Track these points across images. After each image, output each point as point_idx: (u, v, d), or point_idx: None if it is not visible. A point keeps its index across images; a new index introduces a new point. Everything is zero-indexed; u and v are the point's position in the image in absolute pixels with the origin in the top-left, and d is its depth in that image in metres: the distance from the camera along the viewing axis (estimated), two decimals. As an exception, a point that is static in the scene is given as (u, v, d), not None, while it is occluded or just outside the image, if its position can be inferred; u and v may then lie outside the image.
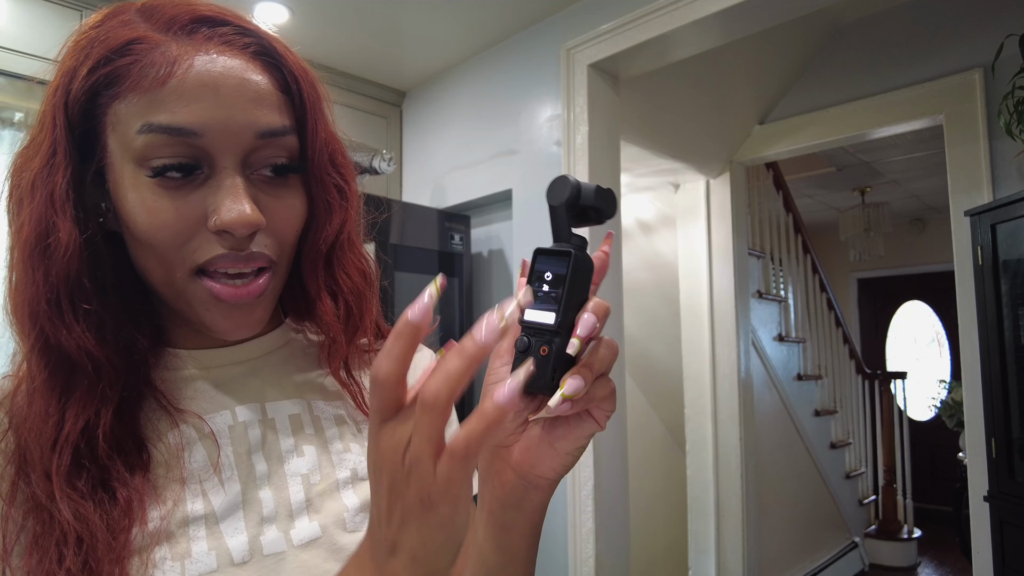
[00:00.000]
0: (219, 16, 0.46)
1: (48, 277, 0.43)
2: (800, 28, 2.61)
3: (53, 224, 0.43)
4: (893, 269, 5.51)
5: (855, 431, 4.12)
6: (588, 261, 0.40)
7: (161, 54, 0.43)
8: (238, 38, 0.45)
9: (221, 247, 0.44)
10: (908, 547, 4.06)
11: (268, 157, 0.46)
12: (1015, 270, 1.86)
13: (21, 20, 1.78)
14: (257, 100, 0.45)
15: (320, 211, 0.51)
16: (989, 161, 2.09)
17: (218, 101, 0.43)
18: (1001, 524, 1.86)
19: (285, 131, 0.47)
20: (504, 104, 2.25)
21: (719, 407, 2.78)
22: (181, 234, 0.44)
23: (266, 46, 0.47)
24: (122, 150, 0.44)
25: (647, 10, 1.80)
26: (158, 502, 0.45)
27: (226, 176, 0.44)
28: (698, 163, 2.76)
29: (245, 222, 0.43)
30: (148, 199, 0.43)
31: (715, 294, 2.83)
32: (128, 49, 0.43)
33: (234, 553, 0.45)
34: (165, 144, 0.42)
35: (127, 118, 0.43)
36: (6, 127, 1.88)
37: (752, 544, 2.77)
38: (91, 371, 0.44)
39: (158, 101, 0.42)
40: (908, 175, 4.23)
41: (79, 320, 0.44)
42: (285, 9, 2.07)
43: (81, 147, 0.45)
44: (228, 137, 0.44)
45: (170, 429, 0.48)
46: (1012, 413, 1.85)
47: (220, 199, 0.44)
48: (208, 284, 0.45)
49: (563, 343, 0.38)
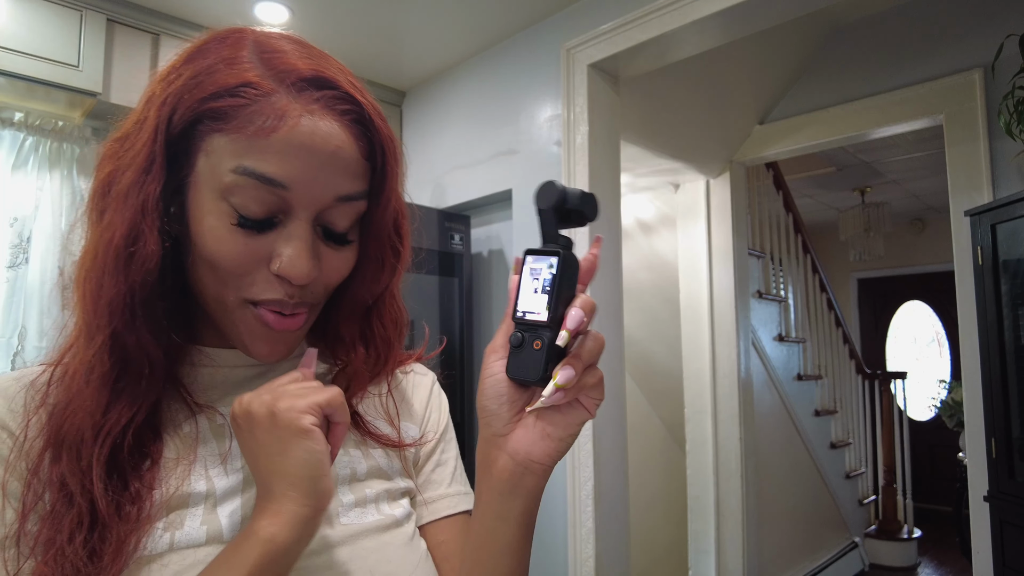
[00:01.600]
0: (325, 78, 0.48)
1: (128, 280, 0.47)
2: (800, 28, 2.61)
3: (141, 232, 0.46)
4: (893, 269, 5.51)
5: (855, 431, 4.12)
6: (575, 260, 0.43)
7: (270, 105, 0.46)
8: (340, 104, 0.48)
9: (277, 291, 0.49)
10: (908, 547, 4.06)
11: (338, 215, 0.50)
12: (1015, 270, 1.86)
13: (21, 20, 1.78)
14: (345, 168, 0.48)
15: (371, 267, 0.55)
16: (989, 161, 2.09)
17: (311, 163, 0.46)
18: (1001, 524, 1.86)
19: (360, 196, 0.51)
20: (504, 104, 2.25)
21: (719, 407, 2.78)
22: (244, 267, 0.48)
23: (363, 116, 0.50)
24: (210, 176, 0.47)
25: (647, 10, 1.80)
26: (164, 487, 0.48)
27: (298, 227, 0.48)
28: (698, 163, 2.76)
29: (304, 276, 0.48)
30: (221, 229, 0.47)
31: (715, 294, 2.83)
32: (241, 91, 0.46)
33: (225, 531, 0.48)
34: (254, 188, 0.46)
35: (224, 153, 0.46)
36: (6, 127, 1.88)
37: (752, 544, 2.77)
38: (144, 370, 0.48)
39: (258, 149, 0.45)
40: (908, 175, 4.23)
41: (145, 322, 0.48)
42: (285, 9, 2.07)
43: (170, 161, 0.48)
44: (311, 196, 0.47)
45: (186, 420, 0.51)
46: (1012, 413, 1.85)
47: (287, 248, 0.48)
48: (259, 312, 0.50)
49: (554, 337, 0.41)
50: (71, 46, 1.85)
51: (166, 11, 2.05)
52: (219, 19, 2.11)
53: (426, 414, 0.65)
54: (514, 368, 0.43)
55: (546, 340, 0.41)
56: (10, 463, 0.46)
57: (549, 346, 0.41)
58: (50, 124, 1.94)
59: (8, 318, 1.84)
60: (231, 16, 2.09)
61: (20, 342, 1.83)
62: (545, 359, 0.41)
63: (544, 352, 0.41)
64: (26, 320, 1.84)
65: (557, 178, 2.02)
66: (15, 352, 1.82)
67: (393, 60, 2.43)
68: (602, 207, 1.98)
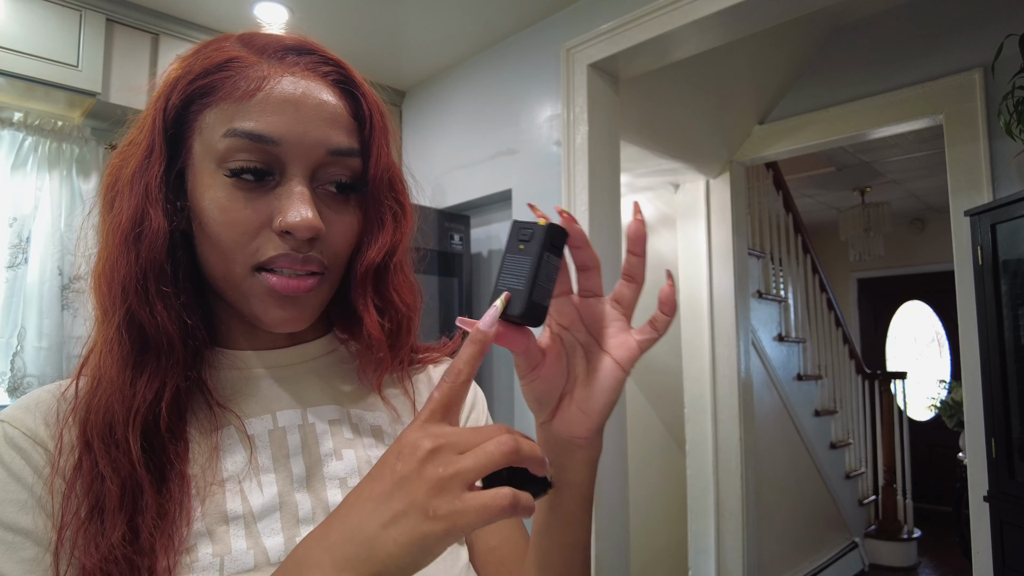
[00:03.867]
0: (306, 46, 0.52)
1: (138, 259, 0.48)
2: (800, 28, 2.61)
3: (146, 212, 0.48)
4: (893, 269, 5.51)
5: (855, 431, 4.12)
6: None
7: (254, 71, 0.48)
8: (321, 66, 0.51)
9: (282, 247, 0.48)
10: (908, 547, 4.06)
11: (334, 174, 0.51)
12: (1015, 270, 1.86)
13: (21, 20, 1.78)
14: (332, 121, 0.50)
15: (373, 230, 0.55)
16: (989, 161, 2.09)
17: (297, 116, 0.48)
18: (1001, 524, 1.86)
19: (352, 152, 0.51)
20: (504, 104, 2.25)
21: (719, 407, 2.78)
22: (247, 232, 0.48)
23: (345, 75, 0.52)
24: (205, 152, 0.49)
25: (647, 10, 1.80)
26: (198, 498, 0.47)
27: (295, 184, 0.48)
28: (698, 163, 2.76)
29: (308, 226, 0.47)
30: (222, 197, 0.48)
31: (715, 294, 2.83)
32: (226, 66, 0.49)
33: (271, 552, 0.47)
34: (245, 148, 0.47)
35: (214, 124, 0.48)
36: (5, 127, 1.88)
37: (752, 544, 2.77)
38: (164, 347, 0.49)
39: (244, 110, 0.47)
40: (908, 175, 4.23)
41: (159, 300, 0.49)
42: (284, 9, 2.07)
43: (170, 149, 0.50)
44: (302, 149, 0.48)
45: (213, 430, 0.51)
46: (1012, 413, 1.85)
47: (287, 203, 0.48)
48: (266, 276, 0.49)
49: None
50: (70, 46, 1.85)
51: (166, 11, 2.04)
52: (219, 19, 2.10)
53: (466, 411, 0.64)
54: None
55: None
56: (46, 477, 0.46)
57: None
58: (49, 124, 1.94)
59: (7, 318, 1.83)
60: (231, 16, 2.09)
61: (19, 342, 1.83)
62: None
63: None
64: (25, 320, 1.84)
65: (556, 178, 2.02)
66: (14, 352, 1.82)
67: (393, 60, 2.43)
68: (602, 207, 1.99)
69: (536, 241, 0.41)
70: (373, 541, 0.34)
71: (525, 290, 0.40)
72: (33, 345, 1.82)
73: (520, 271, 0.41)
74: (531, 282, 0.40)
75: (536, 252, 0.41)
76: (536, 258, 0.41)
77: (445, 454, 0.35)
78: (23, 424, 0.47)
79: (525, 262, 0.41)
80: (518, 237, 0.42)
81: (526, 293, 0.40)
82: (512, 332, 0.41)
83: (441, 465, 0.34)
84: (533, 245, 0.41)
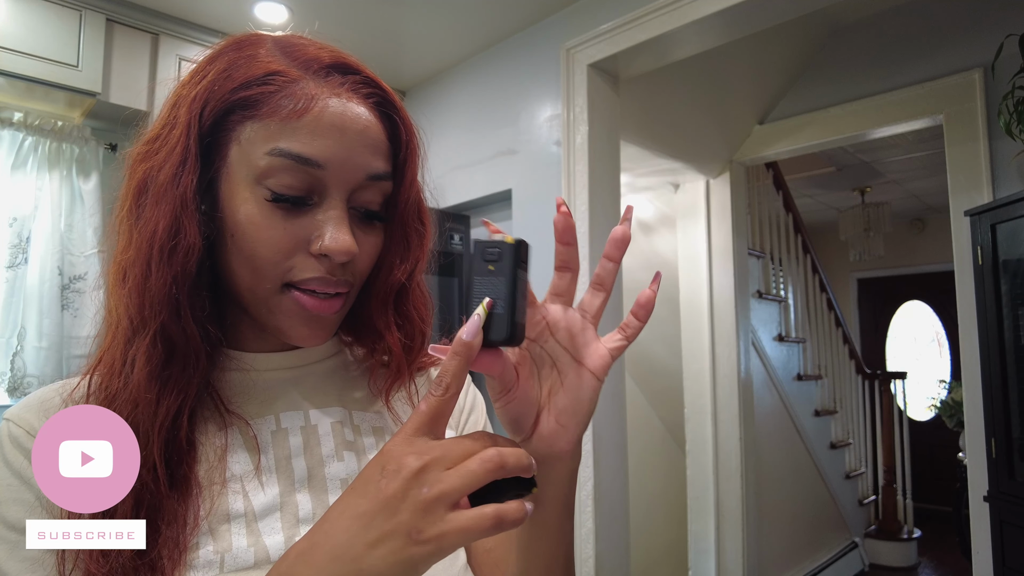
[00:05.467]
0: (348, 64, 0.51)
1: (172, 273, 0.47)
2: (800, 28, 2.61)
3: (182, 226, 0.47)
4: (893, 269, 5.51)
5: (855, 431, 4.12)
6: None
7: (299, 89, 0.48)
8: (363, 88, 0.51)
9: (318, 269, 0.49)
10: (908, 547, 4.06)
11: (368, 197, 0.51)
12: (1015, 270, 1.86)
13: (20, 20, 1.78)
14: (374, 147, 0.50)
15: (400, 251, 0.56)
16: (989, 161, 2.09)
17: (342, 142, 0.48)
18: (1001, 524, 1.86)
19: (387, 176, 0.52)
20: (504, 104, 2.25)
21: (719, 407, 2.78)
22: (283, 251, 0.48)
23: (385, 98, 0.53)
24: (243, 165, 0.48)
25: (647, 10, 1.80)
26: (202, 498, 0.48)
27: (334, 207, 0.49)
28: (698, 163, 2.76)
29: (346, 251, 0.48)
30: (258, 215, 0.48)
31: (715, 294, 2.83)
32: (269, 79, 0.48)
33: (271, 550, 0.48)
34: (289, 169, 0.47)
35: (256, 139, 0.47)
36: (5, 127, 1.88)
37: (752, 544, 2.77)
38: (191, 359, 0.48)
39: (291, 130, 0.47)
40: (908, 175, 4.23)
41: (188, 312, 0.48)
42: (284, 9, 2.07)
43: (203, 156, 0.49)
44: (344, 174, 0.49)
45: (219, 431, 0.51)
46: (1012, 413, 1.85)
47: (325, 227, 0.48)
48: (297, 296, 0.49)
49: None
50: (70, 46, 1.85)
51: (166, 11, 2.04)
52: (219, 19, 2.10)
53: (461, 415, 0.64)
54: None
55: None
56: None
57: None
58: (49, 124, 1.94)
59: (7, 318, 1.83)
60: (231, 16, 2.09)
61: (19, 342, 1.83)
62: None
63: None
64: (25, 320, 1.83)
65: (556, 178, 2.02)
66: (14, 352, 1.82)
67: (393, 60, 2.43)
68: (602, 207, 1.99)
69: (506, 260, 0.40)
70: (359, 561, 0.35)
71: (506, 312, 0.39)
72: (33, 345, 1.82)
73: (495, 293, 0.39)
74: (511, 304, 0.39)
75: (509, 271, 0.39)
76: (510, 278, 0.39)
77: (431, 473, 0.35)
78: (28, 423, 0.47)
79: (499, 283, 0.39)
80: (484, 258, 0.40)
81: (508, 316, 0.39)
82: (489, 355, 0.40)
83: (426, 485, 0.35)
84: (504, 265, 0.40)
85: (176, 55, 2.07)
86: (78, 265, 1.93)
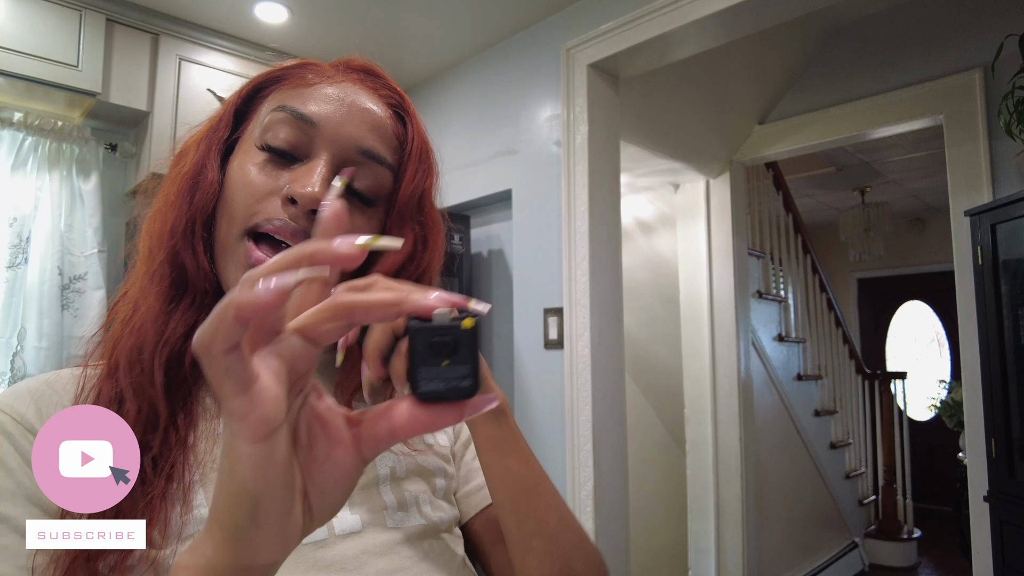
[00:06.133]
0: (375, 71, 0.57)
1: (191, 206, 0.51)
2: (800, 28, 2.60)
3: (206, 165, 0.52)
4: (893, 269, 5.51)
5: (855, 431, 4.12)
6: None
7: (322, 71, 0.54)
8: (382, 88, 0.56)
9: (281, 214, 0.49)
10: (908, 547, 4.06)
11: (363, 180, 0.52)
12: (1015, 270, 1.86)
13: (20, 20, 1.78)
14: (373, 127, 0.53)
15: (400, 252, 0.55)
16: (989, 161, 2.09)
17: (341, 110, 0.52)
18: (1001, 524, 1.86)
19: (382, 161, 0.53)
20: (504, 104, 2.25)
21: (719, 407, 2.78)
22: (256, 194, 0.50)
23: (401, 103, 0.56)
24: (256, 126, 0.53)
25: (647, 10, 1.80)
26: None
27: (316, 163, 0.50)
28: (698, 163, 2.76)
29: (310, 195, 0.48)
30: (247, 162, 0.51)
31: (715, 294, 2.83)
32: (301, 66, 0.55)
33: None
34: (284, 122, 0.51)
35: (271, 103, 0.53)
36: (5, 127, 1.88)
37: (752, 544, 2.77)
38: (200, 287, 0.50)
39: (299, 94, 0.52)
40: (908, 175, 4.23)
41: (201, 244, 0.51)
42: (284, 9, 2.07)
43: (235, 122, 0.55)
44: (335, 138, 0.51)
45: (214, 417, 0.51)
46: (1012, 413, 1.85)
47: (300, 174, 0.50)
48: (249, 247, 0.50)
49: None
50: (70, 46, 1.85)
51: (166, 11, 2.04)
52: (219, 19, 2.10)
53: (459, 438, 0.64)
54: None
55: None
56: None
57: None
58: (49, 124, 1.94)
59: (7, 318, 1.83)
60: (231, 16, 2.09)
61: (19, 342, 1.83)
62: None
63: None
64: (25, 320, 1.84)
65: (556, 178, 2.02)
66: (14, 352, 1.82)
67: (392, 60, 2.43)
68: (602, 207, 1.99)
69: (465, 349, 0.30)
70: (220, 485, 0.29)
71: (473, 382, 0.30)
72: (33, 345, 1.82)
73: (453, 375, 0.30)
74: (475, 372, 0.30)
75: (470, 358, 0.30)
76: (472, 365, 0.30)
77: None
78: (13, 410, 0.47)
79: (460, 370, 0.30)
80: (433, 351, 0.30)
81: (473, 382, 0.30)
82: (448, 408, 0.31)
83: None
84: (465, 353, 0.30)
85: (176, 55, 2.07)
86: (78, 265, 1.93)
